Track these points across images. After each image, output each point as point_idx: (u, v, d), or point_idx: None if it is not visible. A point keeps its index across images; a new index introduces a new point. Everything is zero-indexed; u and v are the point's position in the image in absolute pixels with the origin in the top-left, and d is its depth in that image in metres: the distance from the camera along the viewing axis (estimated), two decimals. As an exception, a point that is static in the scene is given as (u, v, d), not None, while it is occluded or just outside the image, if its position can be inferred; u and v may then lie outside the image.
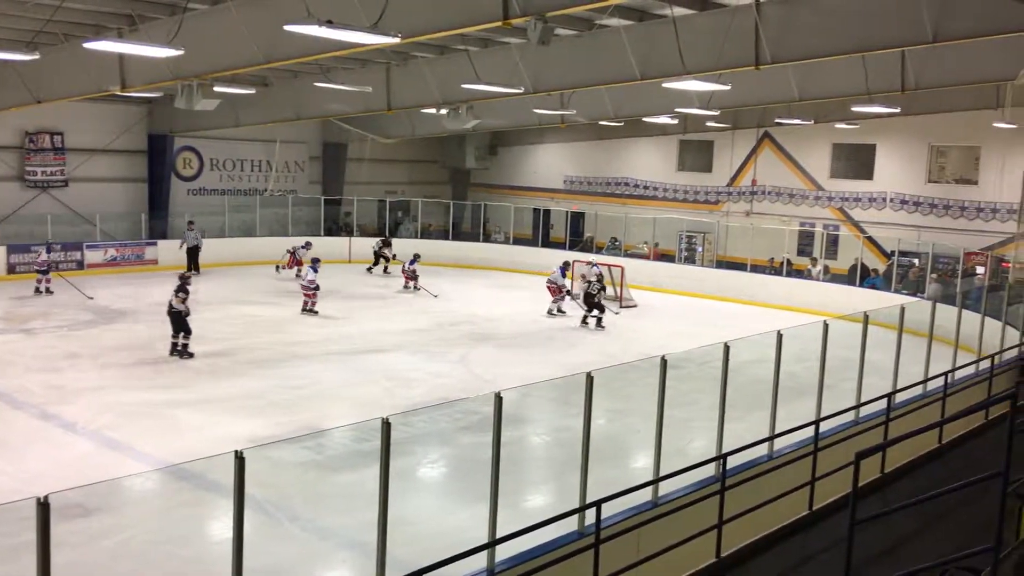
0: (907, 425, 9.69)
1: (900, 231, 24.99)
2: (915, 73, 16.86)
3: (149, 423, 12.13)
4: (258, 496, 8.11)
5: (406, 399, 13.56)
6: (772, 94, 19.70)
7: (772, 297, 23.37)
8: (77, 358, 15.47)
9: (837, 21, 13.23)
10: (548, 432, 12.40)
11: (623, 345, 18.08)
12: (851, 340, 10.57)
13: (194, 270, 24.82)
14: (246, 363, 15.51)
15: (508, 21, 11.14)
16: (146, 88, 19.27)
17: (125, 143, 26.84)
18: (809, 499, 8.67)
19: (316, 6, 10.72)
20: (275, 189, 30.37)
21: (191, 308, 16.03)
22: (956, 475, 7.89)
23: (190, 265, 25.25)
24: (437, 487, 10.77)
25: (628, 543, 6.93)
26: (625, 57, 15.34)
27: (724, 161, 29.61)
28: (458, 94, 19.35)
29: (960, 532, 7.20)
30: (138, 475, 9.77)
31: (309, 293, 20.24)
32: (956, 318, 13.28)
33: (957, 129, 24.59)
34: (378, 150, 32.10)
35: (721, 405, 8.37)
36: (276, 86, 23.31)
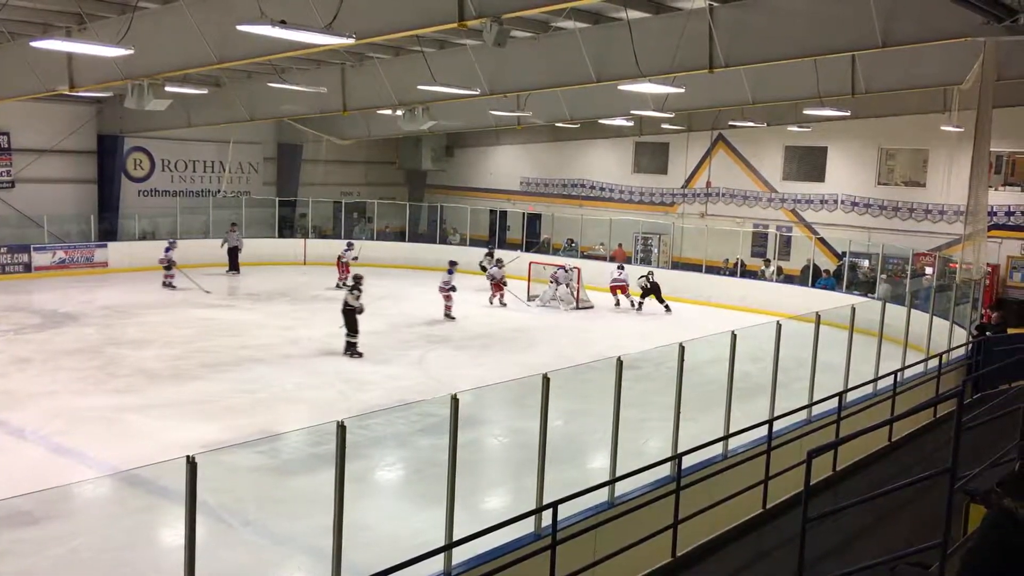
0: (858, 423, 9.86)
1: (851, 232, 25.43)
2: (865, 77, 17.18)
3: (100, 428, 11.91)
4: (211, 502, 8.01)
5: (362, 402, 13.46)
6: (726, 97, 19.92)
7: (726, 298, 23.64)
8: (26, 363, 15.12)
9: (789, 25, 13.42)
10: (505, 433, 12.41)
11: (580, 346, 18.15)
12: (804, 340, 10.72)
13: (234, 270, 25.56)
14: (200, 366, 15.29)
15: (464, 22, 11.13)
16: (95, 88, 18.92)
17: (74, 143, 26.29)
18: (763, 497, 8.77)
19: (269, 6, 10.61)
20: (228, 190, 29.98)
21: (364, 306, 16.77)
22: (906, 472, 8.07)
23: (231, 265, 25.81)
24: (394, 490, 10.70)
25: (585, 544, 6.96)
26: (581, 59, 15.41)
27: (679, 163, 29.88)
28: (414, 95, 19.28)
29: (910, 528, 7.34)
30: (88, 481, 9.59)
31: (446, 294, 20.73)
32: (905, 318, 13.55)
33: (906, 132, 25.09)
34: (334, 151, 31.87)
35: (676, 405, 8.43)
36: (229, 86, 23.02)
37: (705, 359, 10.20)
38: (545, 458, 6.98)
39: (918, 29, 12.53)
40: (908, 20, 12.40)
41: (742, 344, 9.09)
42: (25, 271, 23.83)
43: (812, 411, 10.30)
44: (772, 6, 13.46)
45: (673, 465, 7.98)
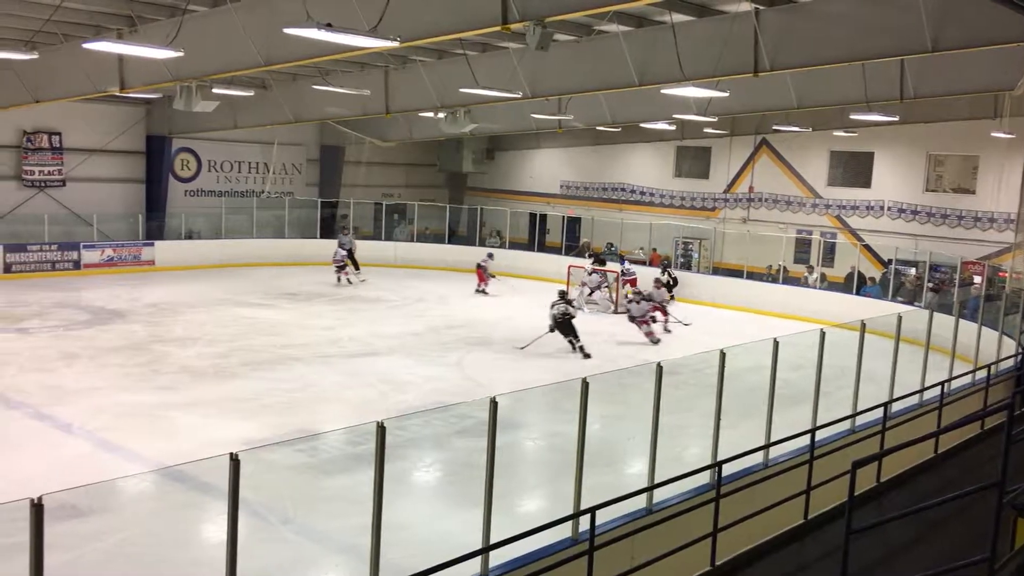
0: (903, 434, 9.69)
1: (897, 240, 25.01)
2: (914, 82, 16.89)
3: (144, 424, 12.10)
4: (251, 499, 8.08)
5: (400, 403, 13.53)
6: (770, 101, 19.72)
7: (768, 304, 23.37)
8: (73, 359, 15.43)
9: (836, 29, 13.25)
10: (543, 437, 12.38)
11: (618, 351, 18.07)
12: (847, 348, 10.56)
13: (354, 269, 26.14)
14: (241, 364, 15.48)
15: (507, 26, 11.15)
16: (145, 89, 19.26)
17: (123, 143, 26.82)
18: (804, 508, 8.65)
19: (315, 9, 10.72)
20: (272, 191, 30.36)
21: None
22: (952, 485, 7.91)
23: (345, 267, 26.26)
24: (431, 491, 10.73)
25: (622, 550, 6.91)
26: (624, 63, 15.36)
27: (721, 168, 29.63)
28: (456, 98, 19.36)
29: (956, 542, 7.20)
30: (132, 476, 9.73)
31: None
32: (953, 327, 13.29)
33: (955, 138, 24.63)
34: (375, 153, 32.12)
35: (717, 412, 8.35)
36: (274, 88, 23.31)
37: (746, 366, 10.08)
38: (583, 463, 6.96)
39: (969, 34, 12.30)
40: (959, 25, 12.18)
41: (784, 352, 8.98)
42: (74, 268, 24.32)
43: (856, 421, 10.14)
44: (819, 10, 13.30)
45: (713, 473, 7.90)
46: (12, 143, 24.68)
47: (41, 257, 23.93)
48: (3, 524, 7.16)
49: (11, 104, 20.09)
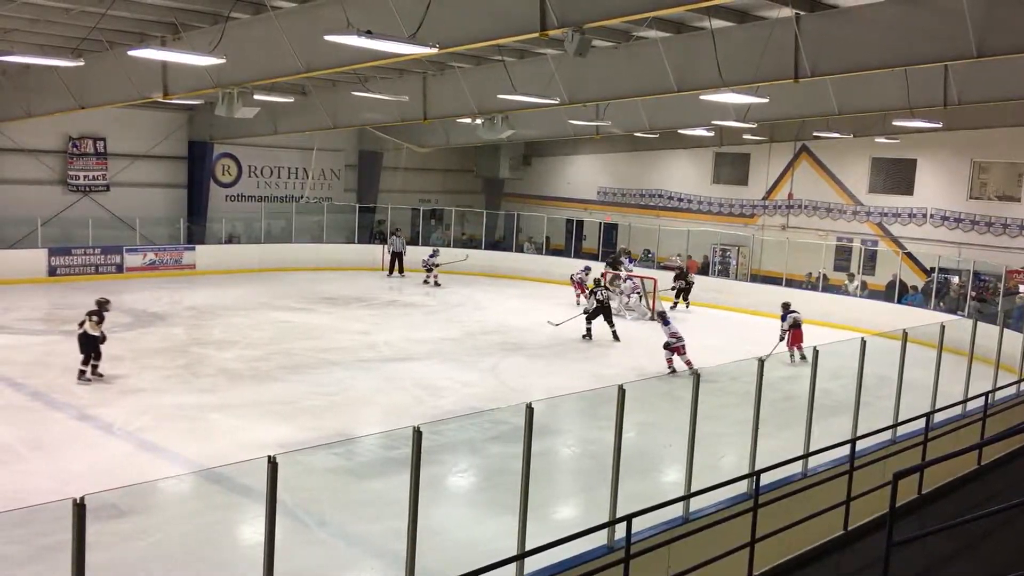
0: (946, 446, 9.51)
1: (940, 248, 24.60)
2: (958, 88, 16.60)
3: (184, 426, 12.26)
4: (288, 501, 8.16)
5: (436, 407, 13.58)
6: (811, 107, 19.49)
7: (808, 312, 22.99)
8: (115, 360, 15.67)
9: (878, 35, 13.07)
10: (578, 444, 12.34)
11: (653, 358, 17.95)
12: (888, 357, 10.40)
13: (398, 272, 27.28)
14: (279, 368, 15.63)
15: (545, 32, 11.14)
16: (187, 96, 19.53)
17: (166, 149, 27.27)
18: (844, 519, 8.52)
19: (356, 16, 10.82)
20: (311, 196, 30.66)
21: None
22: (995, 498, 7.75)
23: (392, 268, 27.49)
24: (466, 497, 10.75)
25: (658, 559, 6.86)
26: (662, 69, 15.29)
27: (760, 174, 29.38)
28: (494, 104, 19.39)
29: (999, 556, 7.05)
30: (172, 478, 9.87)
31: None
32: (997, 337, 13.02)
33: (1000, 145, 24.20)
34: (413, 159, 32.30)
35: (755, 421, 8.26)
36: (314, 95, 23.54)
37: (783, 375, 10.01)
38: (619, 470, 6.92)
39: (1015, 39, 12.05)
40: (1004, 30, 11.95)
41: (824, 360, 8.87)
42: (117, 272, 24.74)
43: (897, 431, 9.98)
44: (860, 15, 13.13)
45: (751, 482, 7.81)
46: (58, 148, 25.19)
47: (85, 261, 24.38)
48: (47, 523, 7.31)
49: (57, 110, 20.50)
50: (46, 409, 12.81)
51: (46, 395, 13.40)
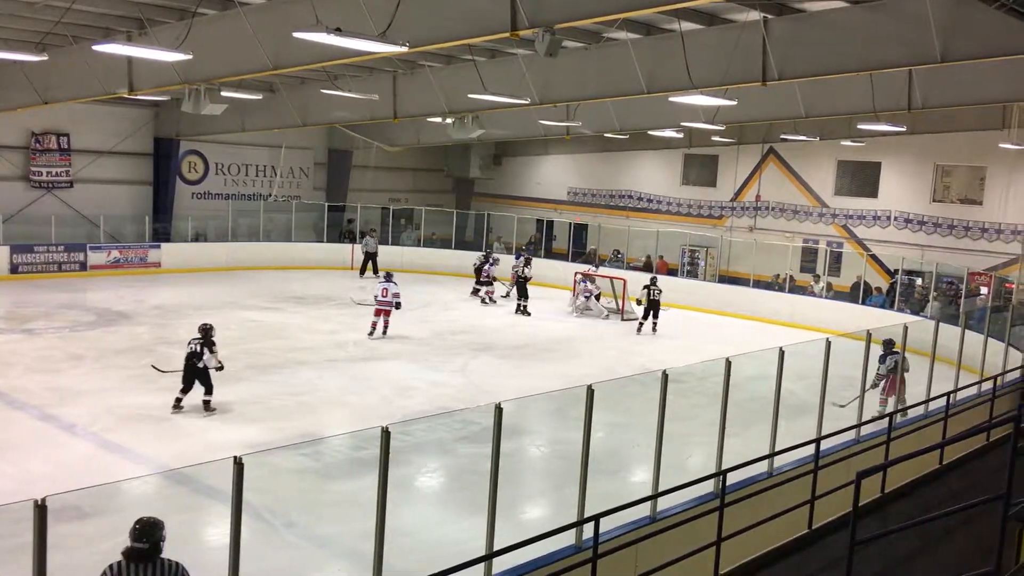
0: (908, 445, 9.65)
1: (904, 250, 24.97)
2: (922, 92, 16.87)
3: (148, 426, 12.12)
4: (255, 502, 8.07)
5: (405, 408, 13.54)
6: (778, 110, 19.71)
7: (774, 313, 23.34)
8: (79, 359, 15.46)
9: (844, 39, 13.24)
10: (547, 444, 12.37)
11: (624, 358, 18.05)
12: (853, 358, 10.55)
13: (372, 273, 26.49)
14: (246, 368, 15.48)
15: (516, 32, 11.16)
16: (154, 92, 19.34)
17: (131, 145, 26.92)
18: (809, 517, 8.62)
19: (325, 14, 10.76)
20: (279, 194, 30.43)
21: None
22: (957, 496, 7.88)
23: (364, 268, 26.95)
24: (435, 497, 10.73)
25: (626, 558, 6.89)
26: (632, 70, 15.37)
27: (728, 176, 29.63)
28: (464, 104, 19.39)
29: (960, 555, 7.16)
30: (136, 478, 9.74)
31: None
32: (959, 338, 13.25)
33: (963, 149, 24.60)
34: (383, 158, 32.17)
35: (722, 421, 8.33)
36: (283, 92, 23.37)
37: (751, 375, 10.07)
38: (587, 470, 6.94)
39: (978, 44, 12.28)
40: (968, 35, 12.17)
41: (789, 361, 8.97)
42: (81, 269, 24.39)
43: (861, 431, 10.11)
44: (827, 19, 13.29)
45: (717, 481, 7.88)
46: (20, 144, 24.78)
47: (48, 258, 24.01)
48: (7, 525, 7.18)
49: (20, 105, 20.19)
50: (7, 409, 12.60)
51: (7, 395, 13.17)
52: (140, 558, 5.08)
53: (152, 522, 5.20)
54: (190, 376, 12.67)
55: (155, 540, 5.14)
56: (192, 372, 12.64)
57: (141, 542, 5.11)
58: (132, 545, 5.12)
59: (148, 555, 5.10)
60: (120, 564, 5.11)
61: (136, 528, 5.16)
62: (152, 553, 5.11)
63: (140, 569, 5.07)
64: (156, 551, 5.14)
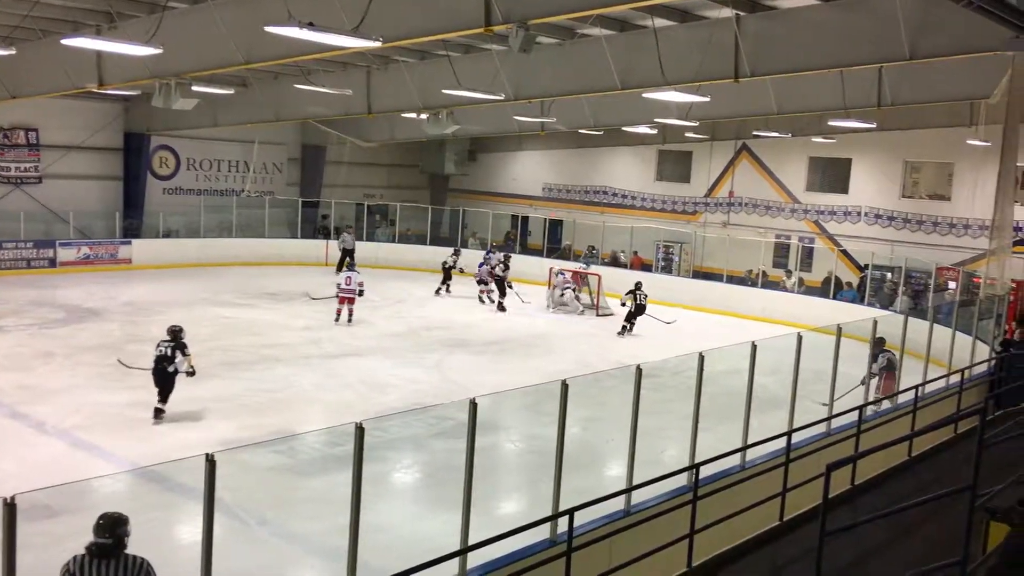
0: (878, 438, 9.77)
1: (874, 245, 25.24)
2: (891, 89, 17.06)
3: (119, 424, 12.00)
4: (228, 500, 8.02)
5: (380, 404, 13.50)
6: (750, 107, 19.84)
7: (747, 308, 23.51)
8: (48, 357, 15.28)
9: (815, 37, 13.36)
10: (522, 439, 12.40)
11: (599, 353, 18.12)
12: (824, 352, 10.65)
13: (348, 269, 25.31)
14: (219, 365, 15.37)
15: (490, 28, 11.16)
16: (124, 86, 19.12)
17: (101, 140, 26.59)
18: (780, 510, 8.71)
19: (297, 8, 10.68)
20: (252, 190, 30.19)
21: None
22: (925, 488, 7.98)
23: (341, 265, 26.03)
24: (410, 493, 10.73)
25: (600, 551, 6.93)
26: (606, 67, 15.41)
27: (702, 172, 29.78)
28: (439, 99, 19.34)
29: (929, 545, 7.27)
30: (106, 477, 9.64)
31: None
32: (927, 332, 13.42)
33: (931, 146, 24.89)
34: (357, 153, 32.00)
35: (695, 415, 8.39)
36: (255, 87, 23.18)
37: (724, 369, 10.14)
38: (562, 465, 6.97)
39: (946, 42, 12.45)
40: (936, 33, 12.32)
41: (762, 355, 9.05)
42: (50, 266, 24.08)
43: (831, 424, 10.22)
44: (799, 17, 13.40)
45: (690, 475, 7.94)
46: (-12, 139, 24.43)
47: (16, 255, 23.68)
48: (-25, 524, 7.08)
49: (-13, 100, 19.89)
50: (-25, 407, 12.43)
51: (-25, 393, 13.00)
52: (103, 554, 5.04)
53: (115, 517, 5.16)
54: (160, 382, 12.15)
55: (118, 535, 5.10)
56: (162, 376, 12.14)
57: (104, 537, 5.07)
58: (95, 540, 5.08)
59: (111, 550, 5.06)
60: (83, 559, 5.07)
61: (99, 523, 5.11)
62: (115, 548, 5.07)
63: (103, 565, 5.03)
64: (120, 546, 5.10)
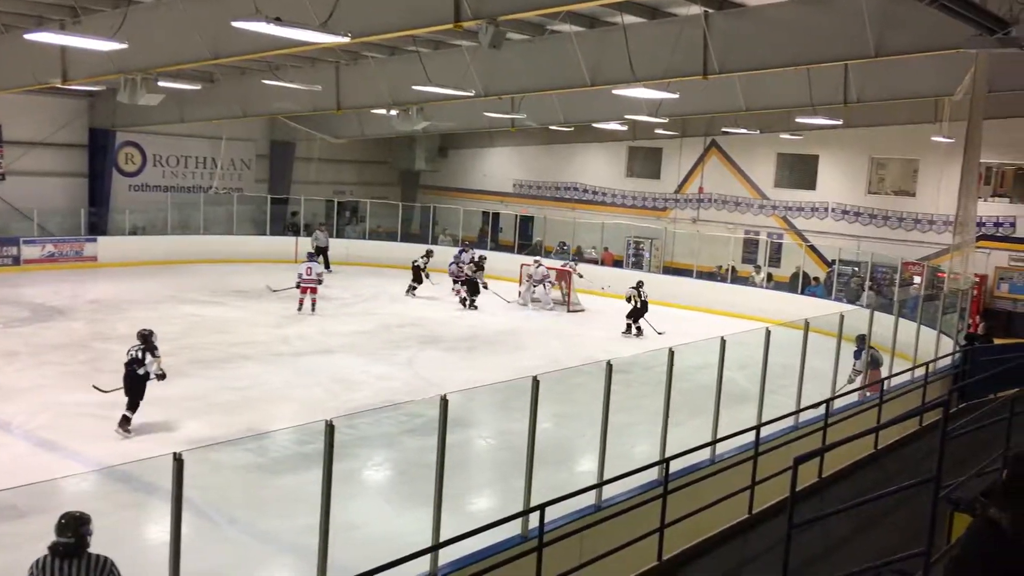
0: (845, 431, 9.90)
1: (841, 240, 25.53)
2: (857, 87, 17.27)
3: (86, 424, 11.86)
4: (197, 499, 7.98)
5: (351, 401, 13.45)
6: (719, 104, 19.98)
7: (717, 303, 23.68)
8: (13, 356, 15.05)
9: (783, 34, 13.48)
10: (493, 435, 12.41)
11: (570, 349, 18.16)
12: (792, 347, 10.76)
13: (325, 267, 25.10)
14: (187, 363, 15.21)
15: (459, 24, 11.14)
16: (88, 81, 18.87)
17: (65, 137, 26.19)
18: (749, 503, 8.80)
19: (264, 3, 10.59)
20: (220, 187, 29.90)
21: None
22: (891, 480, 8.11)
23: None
24: (381, 490, 10.70)
25: (571, 546, 6.97)
26: (576, 63, 15.43)
27: (672, 168, 29.94)
28: (408, 95, 19.28)
29: (894, 536, 7.38)
30: (74, 476, 9.53)
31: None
32: (893, 327, 13.61)
33: (897, 142, 25.21)
34: (327, 150, 31.82)
35: (665, 410, 8.45)
36: (223, 82, 22.96)
37: (694, 364, 10.22)
38: (533, 460, 7.00)
39: (910, 40, 12.61)
40: (901, 31, 12.48)
41: (731, 350, 9.13)
42: (14, 264, 23.71)
43: (799, 418, 10.34)
44: (766, 15, 13.52)
45: (661, 469, 8.00)
46: (-51, 135, 24.00)
47: (-21, 252, 23.33)
48: (-61, 525, 6.99)
49: (-52, 95, 19.55)
50: (-63, 408, 12.23)
51: (-63, 394, 12.79)
52: (66, 553, 5.00)
53: (77, 516, 5.13)
54: (131, 386, 11.59)
55: (81, 534, 5.07)
56: (132, 380, 11.65)
57: (66, 536, 5.04)
58: (57, 540, 5.04)
59: (74, 550, 5.03)
60: (45, 559, 5.02)
61: (61, 522, 5.08)
62: (78, 548, 5.04)
63: (66, 564, 4.99)
64: (82, 545, 5.06)
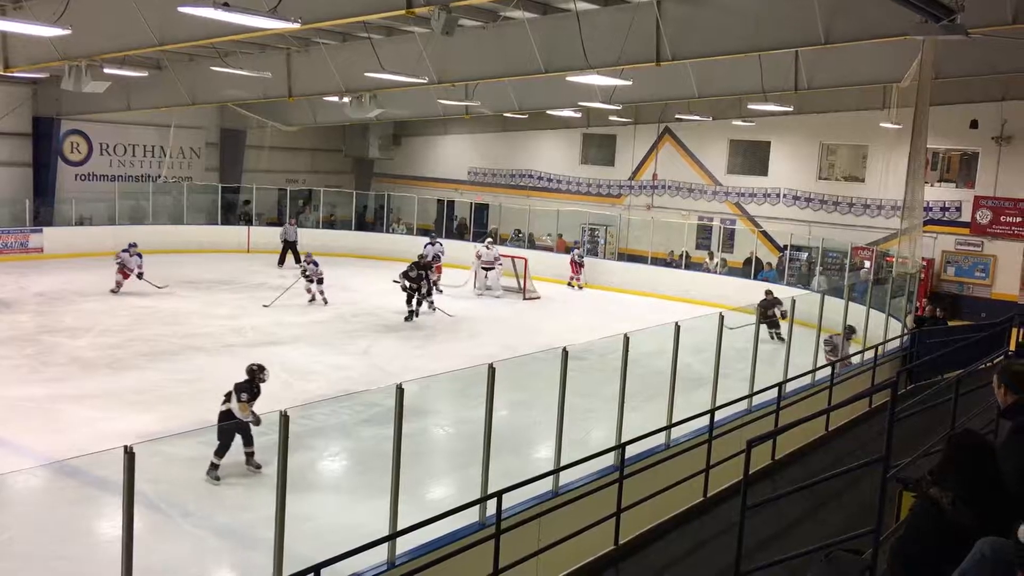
0: (796, 413, 10.06)
1: (792, 226, 25.87)
2: (808, 73, 17.49)
3: (34, 418, 11.61)
4: (149, 493, 7.86)
5: (306, 392, 13.32)
6: (672, 90, 20.10)
7: (672, 289, 23.90)
8: (-46, 351, 14.67)
9: (735, 21, 13.59)
10: (450, 424, 12.40)
11: (526, 337, 18.17)
12: (745, 331, 10.90)
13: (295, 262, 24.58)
14: (137, 355, 14.97)
15: (412, 10, 11.06)
16: (31, 68, 18.37)
17: (8, 125, 25.48)
18: (704, 486, 8.91)
19: (213, -13, 10.39)
20: (169, 176, 29.36)
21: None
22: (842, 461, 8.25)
23: (283, 258, 25.70)
24: (337, 481, 10.63)
25: (529, 532, 6.99)
26: (529, 50, 15.41)
27: (626, 155, 30.07)
28: (361, 83, 19.09)
29: (845, 515, 7.52)
30: (21, 472, 9.32)
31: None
32: (843, 310, 13.85)
33: (846, 128, 25.58)
34: (278, 138, 31.38)
35: (621, 395, 8.51)
36: (171, 69, 22.50)
37: (649, 350, 10.30)
38: (490, 448, 7.00)
39: (859, 27, 12.79)
40: (849, 18, 12.65)
41: (685, 336, 9.21)
42: (-45, 256, 23.09)
43: (753, 401, 10.48)
44: (719, 2, 13.62)
45: (617, 454, 8.06)
46: None
47: (-81, 245, 22.65)
48: None
49: None
50: None
51: None
52: None
53: None
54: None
55: None
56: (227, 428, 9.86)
57: None
58: None
59: None
60: None
61: None
62: None
63: None
64: None
